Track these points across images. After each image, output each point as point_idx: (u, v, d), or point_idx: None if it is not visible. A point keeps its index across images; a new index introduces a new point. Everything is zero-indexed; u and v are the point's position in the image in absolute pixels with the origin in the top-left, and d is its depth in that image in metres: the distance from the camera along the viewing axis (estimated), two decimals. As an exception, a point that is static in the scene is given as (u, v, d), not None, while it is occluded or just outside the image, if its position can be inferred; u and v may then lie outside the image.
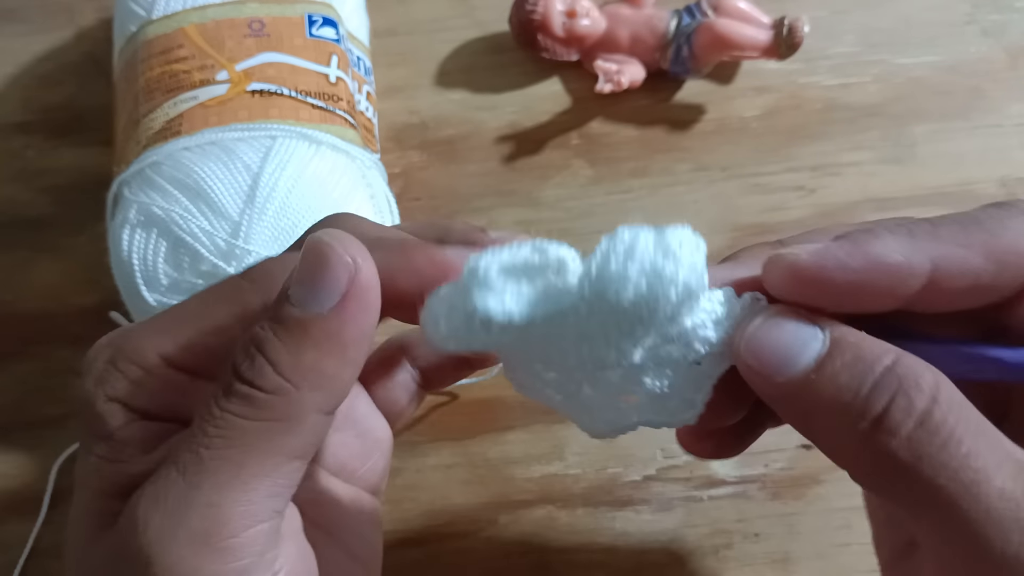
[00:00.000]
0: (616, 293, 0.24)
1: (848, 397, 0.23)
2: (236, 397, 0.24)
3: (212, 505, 0.23)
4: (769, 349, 0.24)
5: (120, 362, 0.26)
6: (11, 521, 0.42)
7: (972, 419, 0.23)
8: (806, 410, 0.24)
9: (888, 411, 0.23)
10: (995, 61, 0.53)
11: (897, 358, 0.23)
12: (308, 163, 0.40)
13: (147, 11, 0.45)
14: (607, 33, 0.51)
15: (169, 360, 0.26)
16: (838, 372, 0.23)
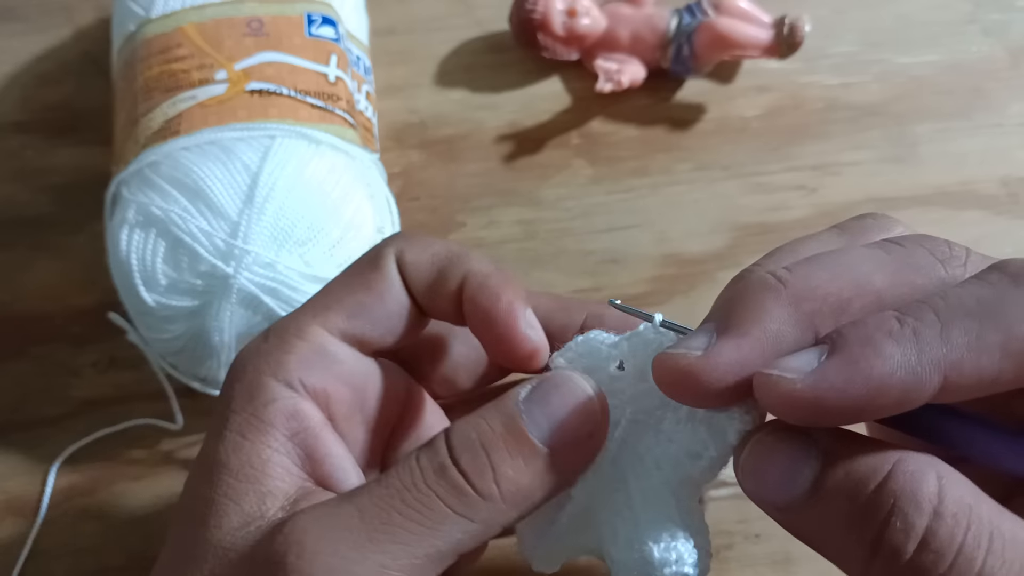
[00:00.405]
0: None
1: (846, 520, 0.22)
2: (447, 483, 0.25)
3: (384, 568, 0.24)
4: (764, 479, 0.24)
5: (273, 335, 0.28)
6: (10, 521, 0.42)
7: (984, 521, 0.21)
8: (811, 532, 0.24)
9: (884, 535, 0.21)
10: (996, 60, 0.53)
11: (894, 467, 0.22)
12: (307, 163, 0.40)
13: (146, 10, 0.45)
14: (607, 32, 0.51)
15: (328, 327, 0.29)
16: (834, 494, 0.22)
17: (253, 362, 0.28)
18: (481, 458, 0.25)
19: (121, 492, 0.42)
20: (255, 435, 0.27)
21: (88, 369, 0.45)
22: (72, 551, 0.41)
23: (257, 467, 0.26)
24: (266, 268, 0.38)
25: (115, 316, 0.42)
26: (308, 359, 0.28)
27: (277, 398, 0.27)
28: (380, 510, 0.24)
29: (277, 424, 0.27)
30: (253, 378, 0.28)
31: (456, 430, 0.26)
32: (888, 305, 0.23)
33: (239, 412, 0.27)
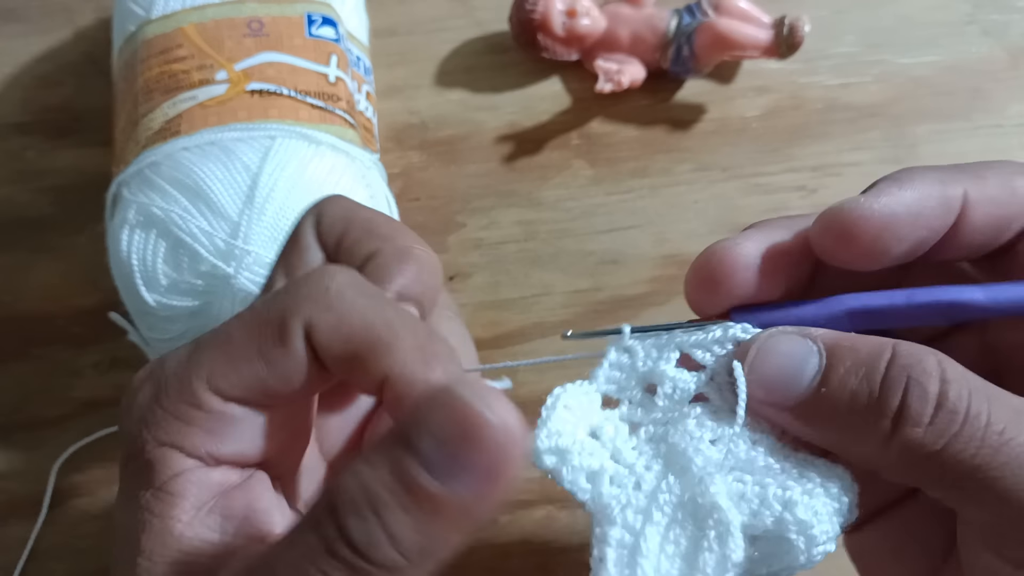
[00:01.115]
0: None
1: (863, 400, 0.23)
2: (341, 563, 0.21)
3: None
4: (772, 376, 0.24)
5: (166, 401, 0.25)
6: (11, 522, 0.42)
7: (979, 387, 0.23)
8: (825, 423, 0.24)
9: (905, 403, 0.23)
10: (996, 61, 0.53)
11: (895, 349, 0.24)
12: (307, 163, 0.40)
13: (146, 11, 0.45)
14: (607, 33, 0.51)
15: (223, 394, 0.25)
16: (845, 378, 0.24)
17: (152, 431, 0.24)
18: (370, 524, 0.20)
19: (122, 492, 0.42)
20: (165, 510, 0.24)
21: (89, 370, 0.45)
22: (73, 551, 0.41)
23: (173, 545, 0.24)
24: (266, 268, 0.38)
25: (116, 316, 0.42)
26: (212, 429, 0.24)
27: (184, 470, 0.24)
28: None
29: (186, 495, 0.24)
30: (152, 452, 0.24)
31: (342, 488, 0.21)
32: None
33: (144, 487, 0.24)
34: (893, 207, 0.25)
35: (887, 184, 0.26)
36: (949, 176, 0.26)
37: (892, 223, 0.25)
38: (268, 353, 0.25)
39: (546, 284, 0.47)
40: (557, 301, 0.46)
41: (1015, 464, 0.22)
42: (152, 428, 0.24)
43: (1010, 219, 0.27)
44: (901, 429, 0.23)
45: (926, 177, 0.26)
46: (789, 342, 0.25)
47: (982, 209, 0.26)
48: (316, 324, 0.24)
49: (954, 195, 0.26)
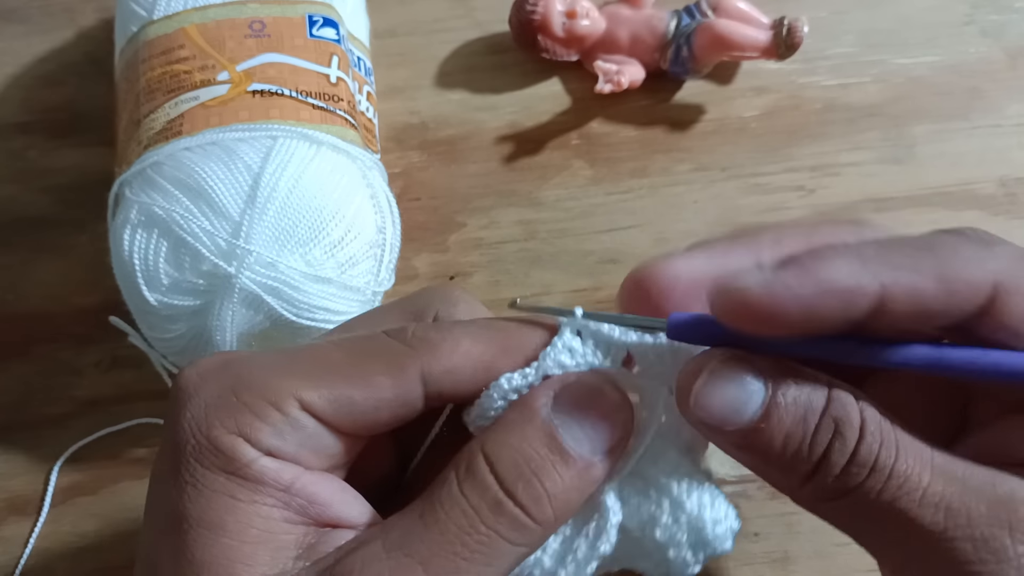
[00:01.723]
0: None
1: (794, 445, 0.25)
2: (507, 519, 0.25)
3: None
4: (715, 406, 0.25)
5: (245, 394, 0.25)
6: (12, 520, 0.42)
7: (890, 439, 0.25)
8: (754, 455, 0.26)
9: (828, 454, 0.25)
10: (994, 61, 0.53)
11: (830, 396, 0.25)
12: (309, 163, 0.40)
13: (148, 11, 0.45)
14: (607, 33, 0.52)
15: (307, 406, 0.25)
16: (783, 421, 0.25)
17: (219, 416, 0.25)
18: (536, 487, 0.25)
19: (123, 491, 0.42)
20: (247, 495, 0.25)
21: (91, 369, 0.45)
22: (74, 550, 0.41)
23: (260, 526, 0.25)
24: (268, 268, 0.38)
25: (116, 320, 0.42)
26: (282, 431, 0.25)
27: (255, 458, 0.25)
28: (443, 559, 0.24)
29: (267, 480, 0.25)
30: (221, 436, 0.25)
31: (499, 457, 0.25)
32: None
33: (217, 471, 0.25)
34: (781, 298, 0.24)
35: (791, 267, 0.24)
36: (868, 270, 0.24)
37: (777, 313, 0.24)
38: (371, 379, 0.26)
39: (546, 283, 0.47)
40: (557, 300, 0.47)
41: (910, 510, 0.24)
42: (223, 415, 0.25)
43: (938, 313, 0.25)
44: (816, 475, 0.25)
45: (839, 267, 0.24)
46: (737, 376, 0.25)
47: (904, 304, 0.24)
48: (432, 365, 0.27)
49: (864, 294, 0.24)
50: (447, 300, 0.30)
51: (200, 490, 0.25)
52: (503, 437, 0.26)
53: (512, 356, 0.27)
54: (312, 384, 0.26)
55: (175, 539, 0.25)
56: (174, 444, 0.25)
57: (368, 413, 0.26)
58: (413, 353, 0.26)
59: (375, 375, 0.26)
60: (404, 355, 0.26)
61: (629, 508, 0.28)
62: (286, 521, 0.25)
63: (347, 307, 0.40)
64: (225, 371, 0.26)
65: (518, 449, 0.25)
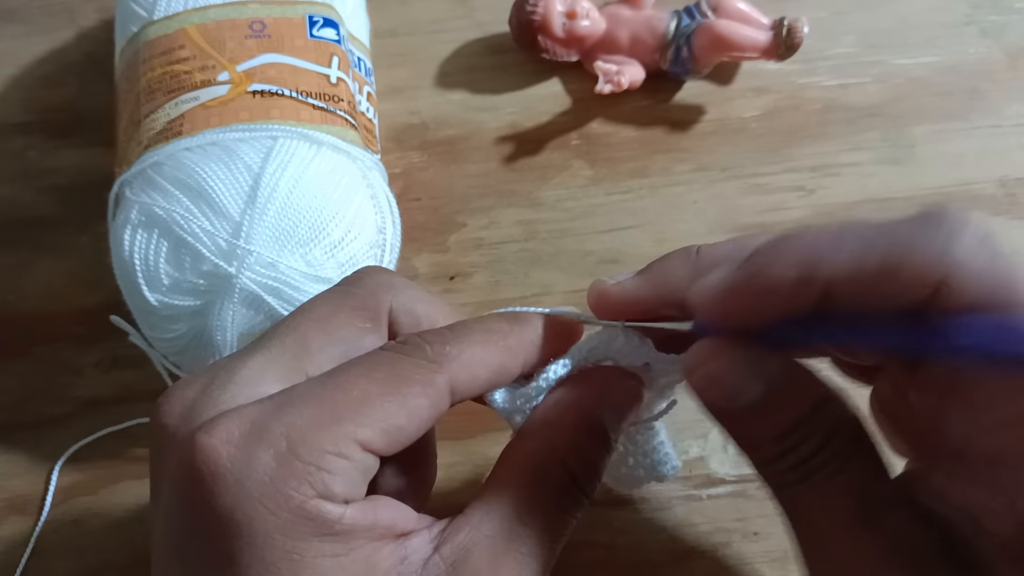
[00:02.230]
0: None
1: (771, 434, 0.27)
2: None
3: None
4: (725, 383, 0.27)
5: (306, 454, 0.25)
6: (13, 520, 0.42)
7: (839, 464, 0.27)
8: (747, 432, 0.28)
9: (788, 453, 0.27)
10: (994, 62, 0.53)
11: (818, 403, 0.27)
12: (309, 164, 0.41)
13: (148, 11, 0.45)
14: (607, 34, 0.52)
15: (366, 446, 0.26)
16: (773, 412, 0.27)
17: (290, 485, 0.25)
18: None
19: (124, 491, 0.42)
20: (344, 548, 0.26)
21: (91, 369, 0.46)
22: (75, 550, 0.41)
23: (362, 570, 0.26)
24: (268, 268, 0.38)
25: (117, 319, 0.42)
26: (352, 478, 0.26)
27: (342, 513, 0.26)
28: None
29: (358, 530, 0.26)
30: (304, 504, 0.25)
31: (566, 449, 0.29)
32: None
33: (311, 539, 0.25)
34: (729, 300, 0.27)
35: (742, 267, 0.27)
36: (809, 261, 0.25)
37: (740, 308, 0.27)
38: (410, 404, 0.27)
39: (546, 283, 0.47)
40: (557, 300, 0.47)
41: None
42: (295, 483, 0.25)
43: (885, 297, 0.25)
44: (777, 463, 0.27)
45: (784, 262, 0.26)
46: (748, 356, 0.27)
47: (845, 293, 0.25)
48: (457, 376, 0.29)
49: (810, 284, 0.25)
50: (391, 288, 0.31)
51: (299, 561, 0.25)
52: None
53: (516, 355, 0.30)
54: (364, 423, 0.26)
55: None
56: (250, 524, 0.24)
57: (412, 435, 0.28)
58: (440, 370, 0.28)
59: (414, 398, 0.27)
60: (434, 373, 0.28)
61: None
62: (376, 553, 0.27)
63: (347, 307, 0.40)
64: (265, 435, 0.25)
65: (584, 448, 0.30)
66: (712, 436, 0.42)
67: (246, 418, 0.26)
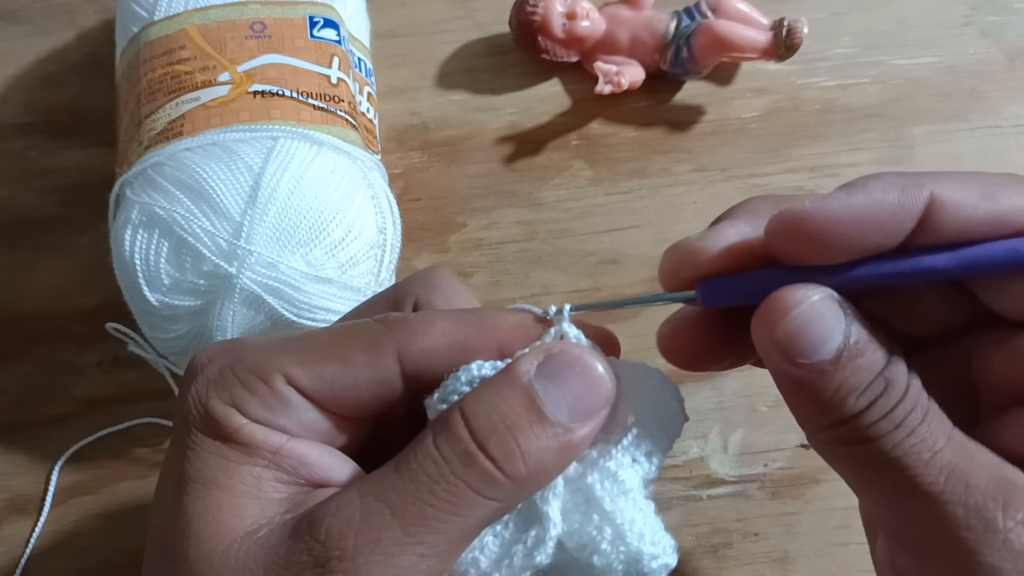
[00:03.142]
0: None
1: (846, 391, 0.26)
2: (477, 472, 0.26)
3: (422, 556, 0.25)
4: (803, 335, 0.26)
5: (239, 370, 0.27)
6: (13, 520, 0.42)
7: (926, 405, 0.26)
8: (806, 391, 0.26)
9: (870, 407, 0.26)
10: (993, 62, 0.53)
11: (888, 360, 0.26)
12: (309, 164, 0.41)
13: (149, 12, 0.45)
14: (607, 35, 0.52)
15: (291, 380, 0.27)
16: (847, 367, 0.26)
17: (216, 390, 0.27)
18: (508, 442, 0.26)
19: (123, 491, 0.43)
20: (239, 456, 0.27)
21: (92, 368, 0.46)
22: (75, 549, 0.41)
23: (250, 483, 0.27)
24: (269, 268, 0.39)
25: (114, 326, 0.42)
26: (269, 404, 0.27)
27: (246, 423, 0.27)
28: (411, 506, 0.25)
29: (256, 443, 0.27)
30: (217, 406, 0.27)
31: (475, 413, 0.26)
32: None
33: (213, 436, 0.27)
34: (837, 212, 0.26)
35: (840, 189, 0.26)
36: (915, 182, 0.26)
37: (834, 227, 0.26)
38: (350, 357, 0.27)
39: (546, 284, 0.47)
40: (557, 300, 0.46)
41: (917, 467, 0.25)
42: (219, 388, 0.27)
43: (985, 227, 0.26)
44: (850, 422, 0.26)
45: (886, 183, 0.26)
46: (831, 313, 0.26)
47: (951, 213, 0.26)
48: (407, 343, 0.28)
49: (913, 202, 0.26)
50: (428, 285, 0.31)
51: (197, 452, 0.27)
52: (482, 394, 0.27)
53: (486, 336, 0.28)
54: (296, 361, 0.27)
55: (174, 497, 0.27)
56: (180, 416, 0.27)
57: (348, 390, 0.27)
58: (388, 332, 0.28)
59: (353, 352, 0.28)
60: (380, 334, 0.28)
61: (570, 526, 0.28)
62: (276, 480, 0.27)
63: (348, 307, 0.40)
64: (227, 352, 0.28)
65: (495, 406, 0.26)
66: (712, 436, 0.42)
67: (228, 342, 0.29)
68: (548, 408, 0.26)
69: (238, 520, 0.26)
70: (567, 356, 0.27)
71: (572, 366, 0.27)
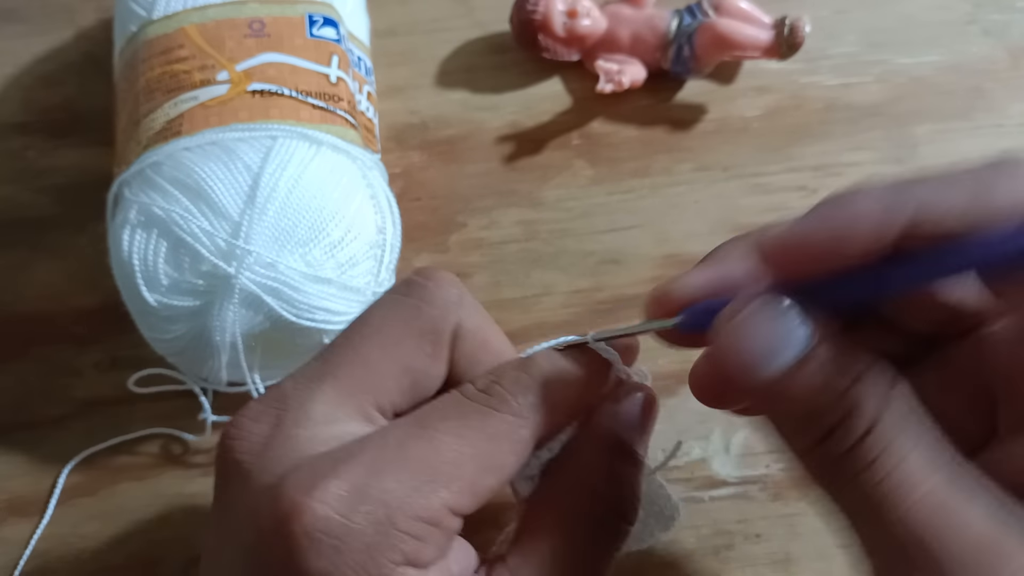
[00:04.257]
0: None
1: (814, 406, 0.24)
2: (618, 537, 0.29)
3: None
4: (755, 341, 0.24)
5: (403, 523, 0.25)
6: (12, 521, 0.42)
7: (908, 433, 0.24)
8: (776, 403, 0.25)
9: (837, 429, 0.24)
10: (997, 61, 0.53)
11: (858, 376, 0.24)
12: (309, 163, 0.40)
13: (147, 11, 0.45)
14: (608, 33, 0.51)
15: (460, 512, 0.26)
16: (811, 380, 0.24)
17: (385, 555, 0.24)
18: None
19: (123, 492, 0.42)
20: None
21: (90, 369, 0.45)
22: (74, 551, 0.41)
23: None
24: (268, 268, 0.38)
25: (164, 371, 0.42)
26: (440, 543, 0.26)
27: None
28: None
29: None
30: (393, 571, 0.24)
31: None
32: None
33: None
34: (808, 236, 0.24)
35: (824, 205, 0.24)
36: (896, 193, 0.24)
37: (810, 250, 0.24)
38: (500, 463, 0.27)
39: (547, 284, 0.47)
40: (558, 301, 0.46)
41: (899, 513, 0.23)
42: (390, 553, 0.24)
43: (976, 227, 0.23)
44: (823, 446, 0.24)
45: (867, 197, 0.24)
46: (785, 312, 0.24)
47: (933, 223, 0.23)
48: (541, 435, 0.28)
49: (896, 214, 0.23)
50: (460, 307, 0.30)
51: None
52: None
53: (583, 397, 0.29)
54: (456, 488, 0.25)
55: None
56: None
57: (498, 491, 0.27)
58: (527, 424, 0.27)
59: (504, 457, 0.27)
60: (522, 428, 0.27)
61: None
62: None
63: (347, 307, 0.40)
64: (365, 500, 0.25)
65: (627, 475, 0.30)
66: (714, 437, 0.42)
67: (344, 479, 0.25)
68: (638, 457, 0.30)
69: None
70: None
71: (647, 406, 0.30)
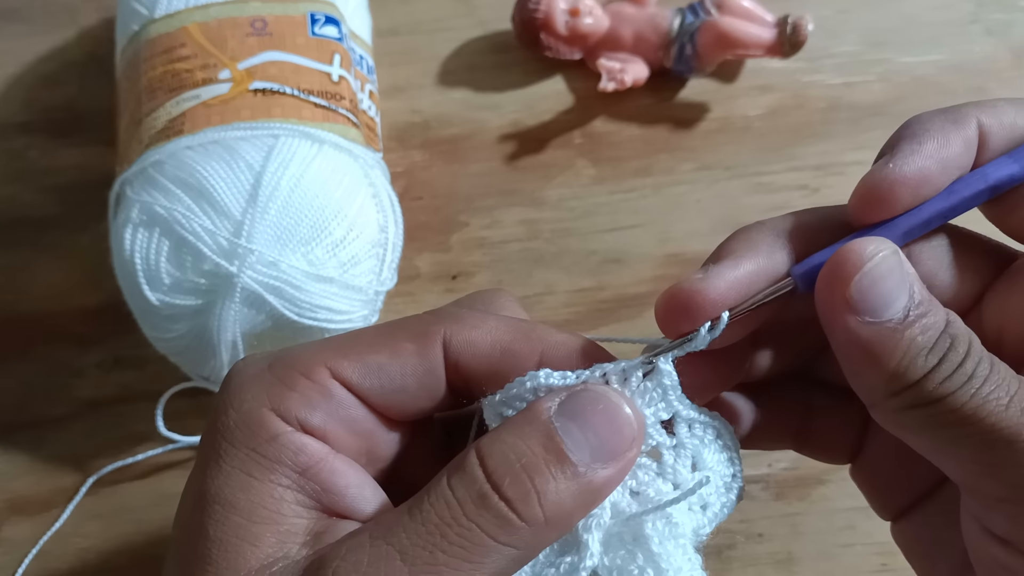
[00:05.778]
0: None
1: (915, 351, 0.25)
2: (491, 514, 0.24)
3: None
4: (874, 293, 0.25)
5: (278, 368, 0.26)
6: (14, 520, 0.42)
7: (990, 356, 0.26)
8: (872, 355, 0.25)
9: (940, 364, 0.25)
10: (999, 60, 0.53)
11: (949, 318, 0.26)
12: (311, 162, 0.40)
13: (149, 10, 0.45)
14: (610, 32, 0.51)
15: (336, 373, 0.26)
16: (916, 326, 0.25)
17: (252, 391, 0.26)
18: (525, 483, 0.24)
19: (123, 492, 0.42)
20: (263, 473, 0.25)
21: (92, 369, 0.45)
22: (76, 550, 0.41)
23: (271, 507, 0.25)
24: (269, 267, 0.38)
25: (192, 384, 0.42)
26: (311, 399, 0.26)
27: (280, 432, 0.26)
28: (422, 551, 0.23)
29: (285, 460, 0.25)
30: (252, 410, 0.25)
31: (491, 453, 0.25)
32: None
33: (240, 447, 0.25)
34: (924, 166, 0.27)
35: (907, 144, 0.28)
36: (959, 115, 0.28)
37: (927, 179, 0.27)
38: (398, 347, 0.27)
39: (549, 283, 0.47)
40: (560, 300, 0.46)
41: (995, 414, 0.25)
42: (256, 389, 0.26)
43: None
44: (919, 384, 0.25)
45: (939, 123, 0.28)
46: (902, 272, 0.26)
47: (999, 137, 0.27)
48: (455, 332, 0.27)
49: (970, 131, 0.27)
50: (490, 304, 0.30)
51: (221, 466, 0.25)
52: (500, 434, 0.25)
53: (531, 345, 0.27)
54: (341, 353, 0.26)
55: (196, 515, 0.25)
56: (211, 424, 0.26)
57: (395, 378, 0.27)
58: (436, 320, 0.27)
59: (400, 341, 0.27)
60: (428, 323, 0.27)
61: (611, 561, 0.27)
62: (298, 504, 0.26)
63: (349, 306, 0.40)
64: (267, 355, 0.27)
65: (512, 445, 0.25)
66: (716, 436, 0.42)
67: (268, 351, 0.27)
68: (569, 448, 0.25)
69: (255, 551, 0.24)
70: (590, 395, 0.26)
71: (594, 404, 0.26)
